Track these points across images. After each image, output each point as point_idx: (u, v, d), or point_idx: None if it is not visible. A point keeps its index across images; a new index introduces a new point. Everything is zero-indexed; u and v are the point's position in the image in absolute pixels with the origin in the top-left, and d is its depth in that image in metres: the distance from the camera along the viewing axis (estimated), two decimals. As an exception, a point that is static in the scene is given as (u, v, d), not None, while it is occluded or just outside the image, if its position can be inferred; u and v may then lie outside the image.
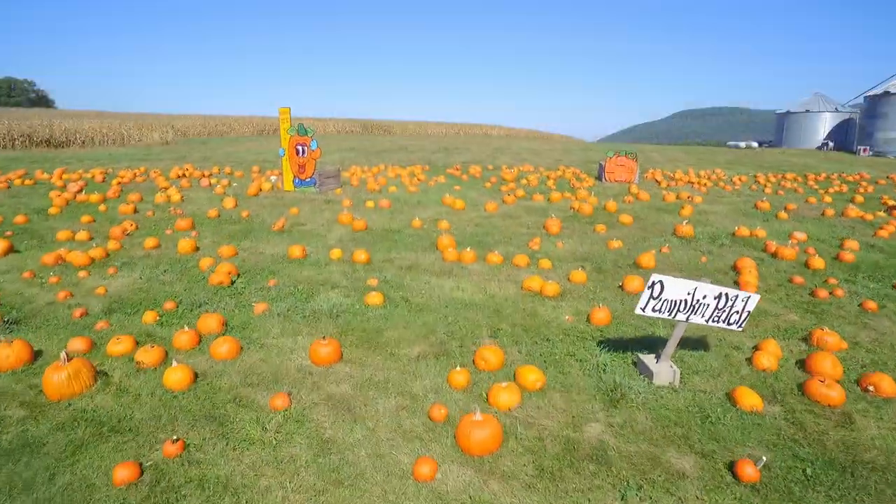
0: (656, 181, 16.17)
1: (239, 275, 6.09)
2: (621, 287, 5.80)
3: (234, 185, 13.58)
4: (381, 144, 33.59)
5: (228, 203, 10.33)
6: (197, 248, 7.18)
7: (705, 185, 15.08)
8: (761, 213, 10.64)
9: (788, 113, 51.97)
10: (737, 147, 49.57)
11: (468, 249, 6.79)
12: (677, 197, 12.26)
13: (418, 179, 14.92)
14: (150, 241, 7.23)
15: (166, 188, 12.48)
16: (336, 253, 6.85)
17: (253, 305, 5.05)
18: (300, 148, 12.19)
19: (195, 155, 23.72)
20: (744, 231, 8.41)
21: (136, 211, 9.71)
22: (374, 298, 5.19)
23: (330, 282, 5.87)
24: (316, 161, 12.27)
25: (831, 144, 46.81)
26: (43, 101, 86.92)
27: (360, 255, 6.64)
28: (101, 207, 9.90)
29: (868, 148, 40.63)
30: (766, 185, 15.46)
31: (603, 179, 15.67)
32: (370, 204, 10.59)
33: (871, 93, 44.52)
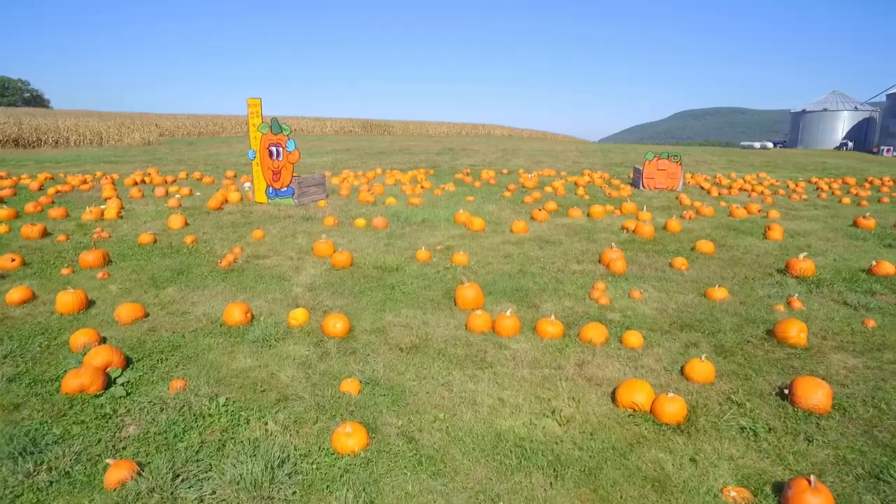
0: (702, 188, 13.69)
1: (129, 363, 3.62)
2: (789, 398, 3.27)
3: (198, 194, 11.13)
4: (380, 145, 31.12)
5: (175, 222, 7.86)
6: (89, 304, 4.70)
7: (765, 193, 12.58)
8: (872, 235, 8.13)
9: (804, 112, 49.44)
10: (751, 147, 46.98)
11: (508, 314, 4.26)
12: (747, 211, 9.77)
13: (422, 187, 12.42)
14: (16, 293, 4.73)
15: (109, 198, 10.02)
16: (299, 316, 4.36)
17: (109, 464, 2.56)
18: (274, 149, 9.70)
19: (172, 157, 21.30)
20: (887, 267, 5.93)
21: (45, 234, 7.23)
22: (349, 439, 2.71)
23: (276, 386, 3.38)
24: (294, 166, 9.78)
25: (851, 144, 44.39)
26: (38, 100, 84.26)
27: (335, 324, 4.13)
28: (0, 229, 7.42)
29: (891, 148, 38.36)
30: (838, 194, 12.95)
31: (641, 186, 13.19)
32: (360, 223, 8.10)
33: (893, 91, 42.19)
